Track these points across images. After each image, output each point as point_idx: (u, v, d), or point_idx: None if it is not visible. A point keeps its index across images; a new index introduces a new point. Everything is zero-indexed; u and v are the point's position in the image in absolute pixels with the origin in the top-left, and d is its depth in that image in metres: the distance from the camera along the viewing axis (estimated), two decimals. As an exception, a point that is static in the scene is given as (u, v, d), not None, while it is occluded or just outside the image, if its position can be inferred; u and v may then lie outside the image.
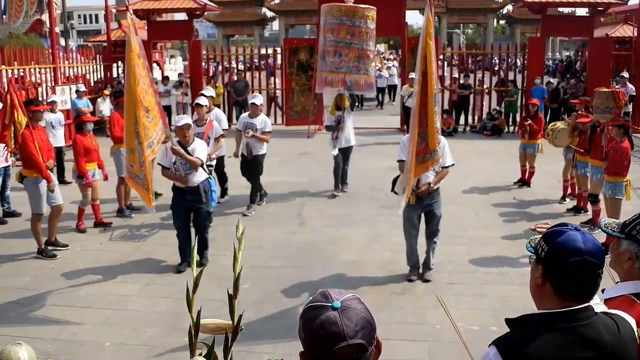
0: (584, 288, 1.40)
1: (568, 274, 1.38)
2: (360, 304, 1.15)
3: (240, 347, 1.96)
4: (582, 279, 1.38)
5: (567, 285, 1.39)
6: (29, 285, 4.97)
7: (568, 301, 1.39)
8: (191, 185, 5.16)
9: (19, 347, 1.65)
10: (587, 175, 6.65)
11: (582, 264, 1.37)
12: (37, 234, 5.62)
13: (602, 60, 12.81)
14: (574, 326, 1.37)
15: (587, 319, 1.39)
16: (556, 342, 1.36)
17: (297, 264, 5.40)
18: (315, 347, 1.12)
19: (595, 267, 1.38)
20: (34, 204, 5.60)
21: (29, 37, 17.93)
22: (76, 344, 3.97)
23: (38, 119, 5.83)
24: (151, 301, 4.64)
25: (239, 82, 13.91)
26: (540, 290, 1.44)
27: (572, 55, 33.68)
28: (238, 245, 1.42)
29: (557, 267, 1.39)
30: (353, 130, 7.89)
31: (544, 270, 1.42)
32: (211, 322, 1.45)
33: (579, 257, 1.36)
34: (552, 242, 1.41)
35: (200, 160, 5.12)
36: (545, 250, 1.42)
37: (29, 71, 11.23)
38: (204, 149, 5.28)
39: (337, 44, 7.08)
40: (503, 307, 4.41)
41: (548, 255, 1.41)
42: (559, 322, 1.38)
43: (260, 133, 6.97)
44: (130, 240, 6.18)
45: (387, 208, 7.02)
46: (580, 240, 1.38)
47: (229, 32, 42.20)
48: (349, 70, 7.12)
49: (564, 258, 1.38)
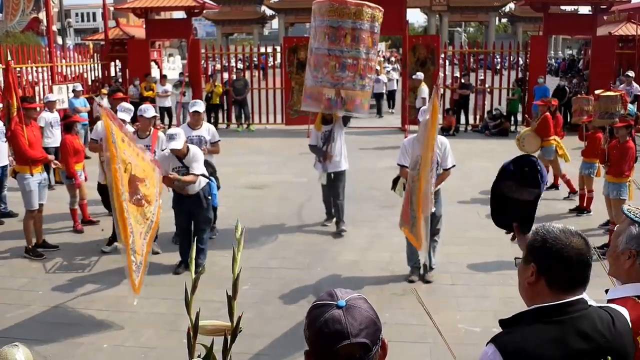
0: (577, 279, 1.43)
1: (563, 266, 1.42)
2: (365, 304, 1.15)
3: (239, 349, 1.94)
4: (575, 269, 1.42)
5: (562, 277, 1.42)
6: (26, 287, 4.93)
7: (561, 294, 1.42)
8: (191, 192, 5.08)
9: (15, 349, 1.61)
10: (591, 177, 6.62)
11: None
12: (28, 232, 5.61)
13: (605, 59, 12.77)
14: (568, 318, 1.39)
15: (581, 311, 1.41)
16: (552, 335, 1.38)
17: (297, 265, 5.36)
18: (320, 345, 1.11)
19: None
20: (26, 200, 5.63)
21: (26, 36, 17.87)
22: (73, 345, 3.93)
23: (31, 116, 5.84)
24: (149, 302, 4.59)
25: (238, 81, 13.87)
26: (534, 288, 1.46)
27: (575, 54, 33.64)
28: (237, 246, 1.40)
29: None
30: (345, 150, 6.18)
31: (537, 266, 1.45)
32: (210, 324, 1.42)
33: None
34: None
35: (197, 176, 4.97)
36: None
37: (26, 70, 11.17)
38: (201, 158, 5.09)
39: (318, 51, 5.65)
40: (505, 308, 4.36)
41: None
42: (553, 315, 1.40)
43: (210, 145, 5.93)
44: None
45: (387, 208, 6.98)
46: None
47: (228, 31, 42.16)
48: (326, 84, 5.64)
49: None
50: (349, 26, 5.52)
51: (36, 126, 6.10)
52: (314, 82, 5.74)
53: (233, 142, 12.21)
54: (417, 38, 14.96)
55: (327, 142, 5.96)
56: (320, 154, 6.05)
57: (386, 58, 27.92)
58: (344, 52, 5.54)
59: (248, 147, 11.65)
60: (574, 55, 33.32)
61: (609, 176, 5.67)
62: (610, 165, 5.64)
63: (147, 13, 14.23)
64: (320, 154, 6.03)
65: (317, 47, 5.69)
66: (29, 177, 5.53)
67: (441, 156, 4.76)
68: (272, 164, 9.82)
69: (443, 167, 4.81)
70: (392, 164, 9.66)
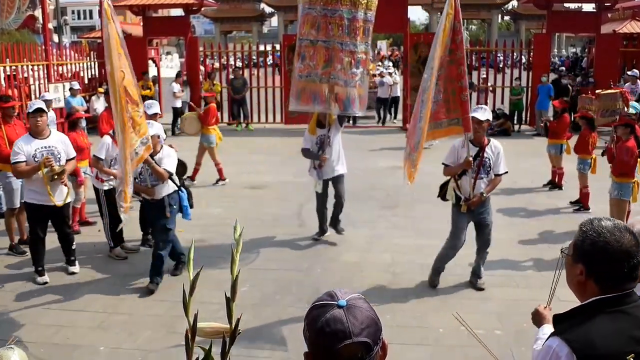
0: (627, 277, 1.44)
1: (612, 269, 1.43)
2: (365, 304, 1.15)
3: (238, 351, 1.89)
4: (625, 269, 1.43)
5: (612, 279, 1.43)
6: (22, 288, 4.86)
7: (611, 291, 1.44)
8: (157, 197, 4.76)
9: (11, 351, 1.61)
10: (584, 173, 6.78)
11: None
12: (10, 230, 5.68)
13: (610, 57, 12.71)
14: (627, 308, 1.43)
15: (638, 301, 1.45)
16: (615, 324, 1.40)
17: (296, 266, 5.30)
18: (321, 345, 1.11)
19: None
20: (7, 198, 5.67)
21: (22, 34, 17.77)
22: (70, 347, 3.88)
23: (10, 115, 5.79)
24: (146, 304, 4.54)
25: (237, 80, 13.79)
26: (584, 286, 1.48)
27: (579, 52, 33.59)
28: (236, 247, 1.38)
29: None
30: (343, 153, 5.77)
31: (587, 268, 1.45)
32: (208, 326, 1.41)
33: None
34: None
35: (168, 172, 4.69)
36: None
37: (22, 68, 11.07)
38: (174, 158, 4.82)
39: (302, 42, 5.13)
40: (508, 310, 4.34)
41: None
42: (612, 306, 1.43)
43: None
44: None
45: (387, 209, 6.94)
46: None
47: (226, 29, 42.09)
48: (316, 80, 5.09)
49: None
50: (342, 15, 4.94)
51: (20, 124, 6.04)
52: (302, 77, 5.14)
53: (231, 142, 12.16)
54: (418, 36, 14.88)
55: (323, 146, 5.60)
56: (314, 158, 5.66)
57: (387, 57, 27.72)
58: (339, 44, 5.00)
59: (247, 146, 11.59)
60: (577, 53, 33.25)
61: (613, 176, 5.63)
62: (613, 165, 5.61)
63: (145, 10, 14.15)
64: (315, 158, 5.65)
65: (310, 38, 5.07)
66: (10, 175, 5.49)
67: (493, 160, 4.55)
68: (271, 164, 9.76)
69: (495, 173, 4.57)
70: (393, 163, 9.65)
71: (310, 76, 5.08)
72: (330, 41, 4.95)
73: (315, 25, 4.96)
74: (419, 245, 5.72)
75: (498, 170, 4.59)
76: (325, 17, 4.92)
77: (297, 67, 5.17)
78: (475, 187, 4.55)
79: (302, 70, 5.11)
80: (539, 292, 4.15)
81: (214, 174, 8.49)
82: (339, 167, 5.72)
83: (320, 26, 4.95)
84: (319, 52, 4.99)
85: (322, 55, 4.99)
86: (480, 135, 4.53)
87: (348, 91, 5.15)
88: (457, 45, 4.43)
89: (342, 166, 5.76)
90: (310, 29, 5.00)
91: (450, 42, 4.40)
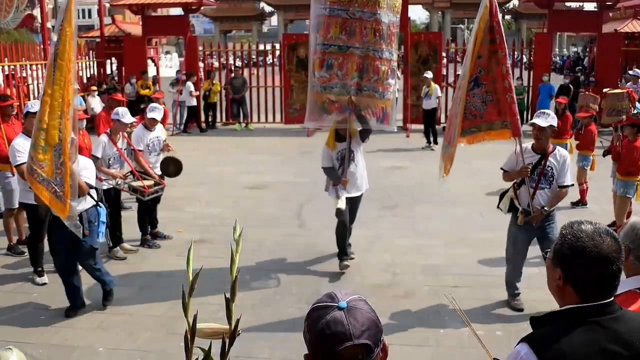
0: (607, 286, 1.38)
1: (591, 277, 1.37)
2: (366, 305, 1.15)
3: (237, 352, 1.89)
4: (604, 277, 1.37)
5: (590, 285, 1.37)
6: (20, 289, 4.85)
7: (591, 299, 1.38)
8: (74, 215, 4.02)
9: (9, 352, 1.61)
10: (584, 169, 6.86)
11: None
12: (8, 230, 5.66)
13: (611, 57, 12.67)
14: (603, 319, 1.36)
15: (616, 312, 1.38)
16: (588, 336, 1.34)
17: (297, 267, 5.29)
18: (321, 347, 1.11)
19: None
20: (5, 199, 5.66)
21: (20, 33, 17.74)
22: (68, 348, 3.86)
23: (9, 114, 5.77)
24: (146, 305, 4.52)
25: (237, 79, 13.77)
26: (562, 291, 1.43)
27: (580, 51, 33.55)
28: (235, 247, 1.37)
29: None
30: (365, 169, 5.25)
31: (565, 274, 1.40)
32: (208, 327, 1.41)
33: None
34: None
35: (88, 185, 4.16)
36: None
37: (20, 68, 11.04)
38: (92, 170, 4.35)
39: (326, 47, 4.59)
40: (509, 311, 4.32)
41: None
42: (588, 316, 1.36)
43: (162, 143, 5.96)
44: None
45: (388, 209, 6.92)
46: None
47: (226, 28, 42.09)
48: (345, 92, 4.60)
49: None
50: (379, 18, 4.49)
51: (18, 124, 6.02)
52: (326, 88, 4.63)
53: (231, 142, 12.14)
54: (419, 35, 14.87)
55: (344, 163, 4.93)
56: (336, 180, 4.93)
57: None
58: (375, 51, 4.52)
59: (247, 146, 11.57)
60: (579, 52, 33.21)
61: (618, 174, 5.68)
62: (619, 164, 5.66)
63: (144, 10, 14.12)
64: (337, 180, 4.93)
65: (339, 44, 4.53)
66: (10, 175, 5.47)
67: (557, 170, 4.18)
68: (271, 164, 9.73)
69: (559, 184, 4.18)
70: (393, 164, 9.63)
71: (337, 87, 4.57)
72: (363, 48, 4.48)
73: (346, 29, 4.44)
74: (419, 246, 5.71)
75: (563, 181, 4.17)
76: (361, 21, 4.43)
77: (321, 77, 4.58)
78: (535, 198, 4.18)
79: (326, 81, 4.56)
80: (539, 292, 4.13)
81: (214, 174, 8.47)
82: (363, 183, 5.18)
83: (353, 31, 4.43)
84: (350, 60, 4.48)
85: (355, 63, 4.50)
86: (542, 142, 4.20)
87: (384, 104, 4.75)
88: (499, 45, 4.19)
89: (365, 182, 5.23)
90: (339, 34, 4.47)
91: (489, 41, 4.21)
